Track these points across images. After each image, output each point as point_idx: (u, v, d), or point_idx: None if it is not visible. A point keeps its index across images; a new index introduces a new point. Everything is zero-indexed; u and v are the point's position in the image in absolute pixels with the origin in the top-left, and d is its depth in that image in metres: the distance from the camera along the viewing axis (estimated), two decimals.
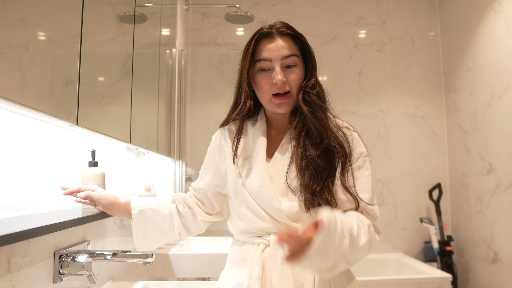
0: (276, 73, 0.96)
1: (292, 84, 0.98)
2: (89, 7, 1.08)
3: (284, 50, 0.98)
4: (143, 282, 1.33)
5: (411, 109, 3.34)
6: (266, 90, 0.99)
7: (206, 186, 1.12)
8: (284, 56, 0.97)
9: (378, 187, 3.25)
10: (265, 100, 1.01)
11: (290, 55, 0.98)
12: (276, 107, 0.99)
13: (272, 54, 0.98)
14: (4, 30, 0.73)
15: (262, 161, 1.00)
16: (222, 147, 1.09)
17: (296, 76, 0.99)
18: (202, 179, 1.13)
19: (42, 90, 0.89)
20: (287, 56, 0.98)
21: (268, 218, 0.97)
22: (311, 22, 3.36)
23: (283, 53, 0.97)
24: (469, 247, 3.01)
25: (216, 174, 1.10)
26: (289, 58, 0.98)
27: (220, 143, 1.10)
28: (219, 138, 1.10)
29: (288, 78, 0.98)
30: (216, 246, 2.21)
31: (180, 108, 2.53)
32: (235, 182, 1.03)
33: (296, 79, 0.99)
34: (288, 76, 0.98)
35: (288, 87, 0.98)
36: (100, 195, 1.09)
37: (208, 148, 1.14)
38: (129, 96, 1.49)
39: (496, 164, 2.68)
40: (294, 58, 0.99)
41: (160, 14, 2.10)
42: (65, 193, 1.08)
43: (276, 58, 0.97)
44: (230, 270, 1.05)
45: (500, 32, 2.62)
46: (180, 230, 1.12)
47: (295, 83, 0.99)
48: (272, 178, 0.99)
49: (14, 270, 0.75)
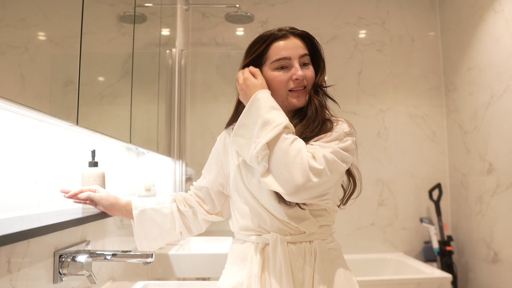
0: (297, 69, 1.01)
1: (308, 80, 1.03)
2: (89, 7, 1.08)
3: (301, 49, 1.03)
4: (143, 282, 1.33)
5: (411, 109, 3.34)
6: (283, 86, 1.03)
7: (209, 185, 1.13)
8: (301, 55, 1.03)
9: (378, 187, 3.25)
10: (282, 96, 1.03)
11: (305, 54, 1.04)
12: (295, 100, 1.03)
13: (291, 52, 1.02)
14: (4, 30, 0.73)
15: None
16: (226, 147, 1.12)
17: (311, 73, 1.04)
18: (205, 177, 1.16)
19: (42, 90, 0.89)
20: (303, 55, 1.03)
21: (267, 215, 0.98)
22: (311, 22, 3.36)
23: (300, 51, 1.03)
24: (469, 247, 3.01)
25: (220, 173, 1.12)
26: (305, 57, 1.04)
27: (224, 143, 1.13)
28: (224, 139, 1.13)
29: (306, 75, 1.03)
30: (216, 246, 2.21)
31: (180, 108, 2.53)
32: (237, 179, 1.05)
33: (311, 76, 1.04)
34: (306, 73, 1.03)
35: (306, 83, 1.03)
36: (101, 196, 1.09)
37: (213, 148, 1.16)
38: (129, 96, 1.49)
39: (496, 164, 2.68)
40: (307, 57, 1.05)
41: (160, 14, 2.10)
42: (67, 196, 1.08)
43: (295, 56, 1.02)
44: (230, 268, 1.06)
45: (500, 32, 2.62)
46: (182, 229, 1.13)
47: (310, 80, 1.04)
48: None
49: (14, 270, 0.75)
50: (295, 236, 0.98)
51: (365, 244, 3.20)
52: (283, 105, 1.05)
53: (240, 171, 1.04)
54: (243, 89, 1.02)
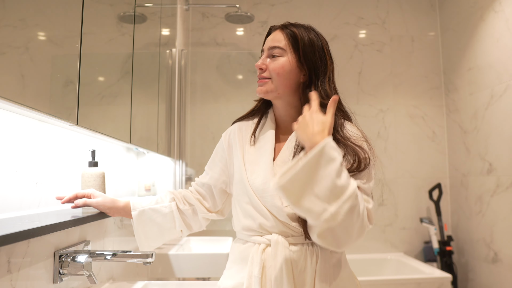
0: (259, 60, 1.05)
1: (271, 72, 1.03)
2: (89, 7, 1.08)
3: (273, 41, 1.04)
4: (143, 282, 1.33)
5: (411, 109, 3.34)
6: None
7: (212, 182, 1.13)
8: (270, 47, 1.04)
9: (378, 187, 3.25)
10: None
11: (274, 47, 1.03)
12: (258, 88, 1.05)
13: (266, 45, 1.06)
14: (4, 30, 0.73)
15: (268, 159, 1.02)
16: (231, 145, 1.11)
17: (275, 65, 1.02)
18: (207, 174, 1.15)
19: (42, 90, 0.89)
20: (273, 47, 1.04)
21: (269, 216, 0.98)
22: (311, 22, 3.32)
23: (271, 44, 1.04)
24: (469, 247, 3.01)
25: (224, 170, 1.12)
26: (272, 49, 1.04)
27: (229, 140, 1.12)
28: (229, 135, 1.13)
29: (269, 66, 1.03)
30: (216, 246, 2.21)
31: (180, 108, 2.53)
32: (241, 178, 1.04)
33: (275, 68, 1.02)
34: (269, 64, 1.03)
35: (268, 74, 1.03)
36: (98, 202, 1.07)
37: (217, 145, 1.16)
38: (129, 96, 1.49)
39: (496, 164, 2.68)
40: (276, 50, 1.03)
41: (160, 14, 2.10)
42: (63, 202, 1.08)
43: (266, 47, 1.05)
44: (231, 268, 1.05)
45: (500, 32, 2.62)
46: (182, 227, 1.13)
47: (273, 71, 1.02)
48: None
49: (14, 270, 0.75)
50: (297, 237, 0.97)
51: (365, 244, 3.20)
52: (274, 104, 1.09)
53: (245, 170, 1.03)
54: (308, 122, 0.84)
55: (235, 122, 1.15)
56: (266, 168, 1.00)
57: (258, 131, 1.08)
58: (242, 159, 1.05)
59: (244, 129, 1.11)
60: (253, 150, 1.06)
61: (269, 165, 1.00)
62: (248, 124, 1.12)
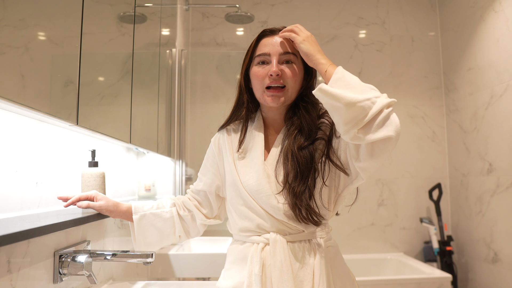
0: (272, 65, 0.99)
1: (288, 79, 1.00)
2: (89, 7, 1.08)
3: (283, 46, 1.00)
4: (143, 282, 1.33)
5: (411, 109, 3.34)
6: (260, 82, 1.01)
7: (207, 188, 1.13)
8: (282, 52, 1.00)
9: (378, 187, 3.25)
10: (259, 93, 1.03)
11: (287, 52, 1.00)
12: (268, 100, 1.00)
13: (271, 48, 1.00)
14: (4, 30, 0.73)
15: (259, 160, 1.02)
16: (221, 149, 1.11)
17: (292, 72, 1.00)
18: (201, 181, 1.15)
19: (42, 90, 0.89)
20: (285, 52, 1.00)
21: (266, 216, 0.99)
22: (311, 22, 3.36)
23: (282, 49, 1.00)
24: (469, 247, 3.01)
25: (217, 175, 1.12)
26: (287, 55, 1.00)
27: (219, 145, 1.12)
28: (218, 140, 1.12)
29: (284, 73, 0.99)
30: (216, 246, 2.20)
31: (180, 108, 2.53)
32: (234, 181, 1.04)
33: (291, 75, 1.00)
34: (284, 71, 0.99)
35: (283, 81, 1.00)
36: (101, 206, 1.07)
37: (207, 151, 1.15)
38: (129, 96, 1.49)
39: (496, 164, 2.68)
40: (291, 56, 1.01)
41: (160, 14, 2.10)
42: (66, 205, 1.07)
43: (275, 52, 1.00)
44: (230, 269, 1.06)
45: (500, 32, 2.62)
46: (181, 233, 1.14)
47: (290, 79, 1.00)
48: (270, 176, 1.00)
49: (14, 270, 0.75)
50: (295, 235, 0.99)
51: (365, 244, 3.20)
52: (262, 105, 1.06)
53: (238, 173, 1.04)
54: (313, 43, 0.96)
55: (222, 128, 1.14)
56: (258, 169, 1.01)
57: (247, 133, 1.08)
58: (233, 162, 1.06)
59: (233, 131, 1.11)
60: (243, 152, 1.06)
61: (261, 166, 1.01)
62: (236, 127, 1.12)
